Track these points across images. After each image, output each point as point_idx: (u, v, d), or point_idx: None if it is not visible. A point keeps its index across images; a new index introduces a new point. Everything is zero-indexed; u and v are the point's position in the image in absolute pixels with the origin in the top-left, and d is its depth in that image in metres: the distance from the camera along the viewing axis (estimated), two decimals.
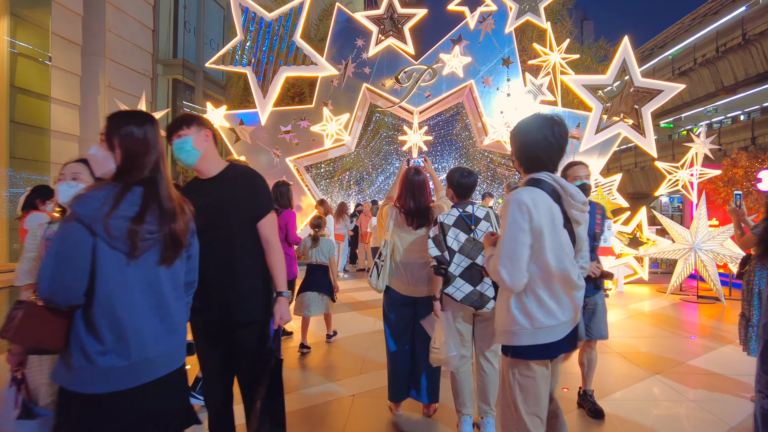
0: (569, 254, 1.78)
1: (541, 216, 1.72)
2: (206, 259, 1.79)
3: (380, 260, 2.93)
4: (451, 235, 2.71)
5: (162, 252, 1.47)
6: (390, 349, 2.98)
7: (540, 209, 1.73)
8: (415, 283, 2.89)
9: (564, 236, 1.78)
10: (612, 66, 8.48)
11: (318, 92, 9.09)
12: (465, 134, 12.61)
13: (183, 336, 1.56)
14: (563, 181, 1.82)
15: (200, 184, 2.14)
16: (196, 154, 2.06)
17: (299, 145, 9.04)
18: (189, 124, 2.06)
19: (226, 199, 2.07)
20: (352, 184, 14.46)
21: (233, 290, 2.06)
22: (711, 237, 6.90)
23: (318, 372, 4.01)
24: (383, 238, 2.97)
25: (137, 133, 1.50)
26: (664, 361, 4.22)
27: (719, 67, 24.76)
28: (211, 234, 1.99)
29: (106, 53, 11.12)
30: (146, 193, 1.47)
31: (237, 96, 11.81)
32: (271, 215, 2.16)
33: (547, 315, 1.75)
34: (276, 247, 2.14)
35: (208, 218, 2.03)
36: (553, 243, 1.74)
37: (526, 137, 1.86)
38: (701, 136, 8.02)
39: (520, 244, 1.73)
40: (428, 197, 2.95)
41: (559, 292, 1.77)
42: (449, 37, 8.86)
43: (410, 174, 2.95)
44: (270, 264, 2.13)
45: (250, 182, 2.14)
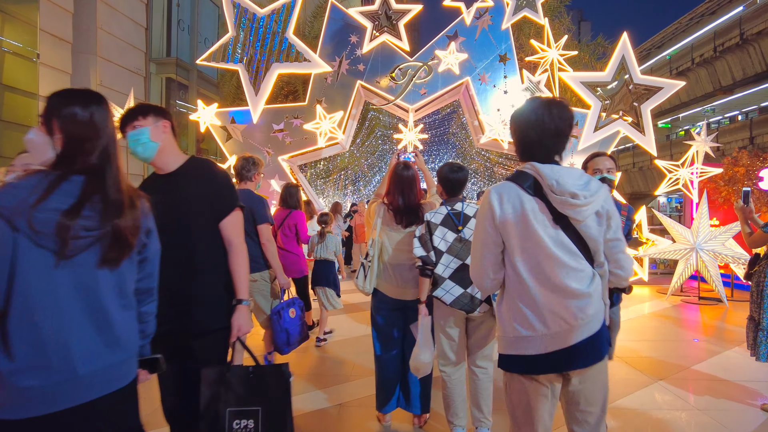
0: (553, 253, 1.52)
1: (506, 213, 1.55)
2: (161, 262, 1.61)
3: (367, 261, 2.75)
4: (438, 234, 2.55)
5: (103, 252, 1.28)
6: (378, 356, 2.79)
7: (505, 206, 1.55)
8: (404, 285, 2.70)
9: (544, 233, 1.53)
10: (611, 63, 8.31)
11: (311, 89, 8.91)
12: (461, 133, 12.43)
13: (129, 351, 1.36)
14: (547, 169, 1.55)
15: (157, 180, 1.96)
16: (153, 146, 1.88)
17: (292, 143, 8.85)
18: (145, 113, 1.87)
19: (183, 196, 1.88)
20: (348, 183, 14.28)
21: (191, 296, 1.87)
22: (713, 237, 6.73)
23: (305, 378, 3.82)
24: (370, 237, 2.78)
25: (81, 115, 1.31)
26: (666, 366, 4.05)
27: (717, 67, 24.70)
28: (168, 235, 1.81)
29: (97, 51, 10.95)
30: (88, 183, 1.28)
31: (230, 94, 11.61)
32: (236, 214, 1.96)
33: (522, 324, 1.55)
34: (239, 249, 1.94)
35: (164, 217, 1.84)
36: (525, 243, 1.54)
37: (519, 119, 1.65)
38: (702, 134, 7.86)
39: (483, 244, 1.60)
40: (419, 194, 2.76)
41: (535, 299, 1.53)
42: (445, 33, 8.68)
43: (399, 169, 2.76)
44: (232, 268, 1.93)
45: (212, 177, 1.95)
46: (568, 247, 1.56)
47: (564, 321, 1.52)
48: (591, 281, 1.57)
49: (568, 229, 1.56)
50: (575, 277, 1.54)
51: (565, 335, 1.52)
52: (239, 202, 2.00)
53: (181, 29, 15.04)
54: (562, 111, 1.60)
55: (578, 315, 1.52)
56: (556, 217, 1.55)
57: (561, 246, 1.55)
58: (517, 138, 1.67)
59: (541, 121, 1.57)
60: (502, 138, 8.42)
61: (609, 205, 1.60)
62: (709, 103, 27.65)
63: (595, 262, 1.61)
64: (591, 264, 1.60)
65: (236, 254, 1.93)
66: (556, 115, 1.58)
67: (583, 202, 1.52)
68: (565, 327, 1.52)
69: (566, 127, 1.61)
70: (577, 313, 1.52)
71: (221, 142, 9.00)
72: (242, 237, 1.98)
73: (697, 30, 27.37)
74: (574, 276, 1.54)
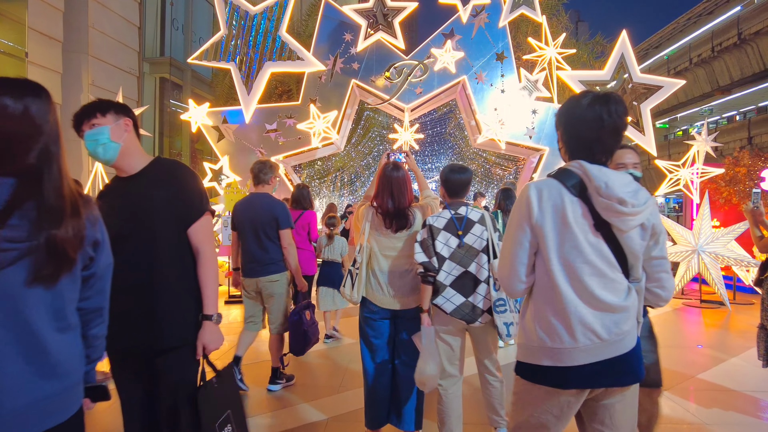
0: (593, 261, 1.40)
1: (545, 212, 1.42)
2: (122, 273, 1.45)
3: (355, 267, 2.57)
4: (441, 239, 2.42)
5: (36, 268, 1.09)
6: (367, 369, 2.60)
7: (545, 204, 1.42)
8: (394, 293, 2.52)
9: (585, 238, 1.40)
10: (610, 61, 8.17)
11: (304, 89, 8.73)
12: (458, 133, 12.26)
13: (70, 379, 1.18)
14: (595, 169, 1.42)
15: (119, 184, 1.78)
16: (115, 147, 1.70)
17: (285, 143, 8.67)
18: (104, 110, 1.70)
19: (147, 200, 1.70)
20: (344, 184, 14.10)
21: (154, 309, 1.68)
22: (715, 238, 6.58)
23: (292, 390, 3.63)
24: (358, 243, 2.61)
25: (13, 108, 1.12)
26: (670, 375, 3.87)
27: (715, 66, 24.64)
28: (129, 243, 1.64)
29: (89, 50, 10.76)
30: (19, 187, 1.10)
31: (223, 93, 11.43)
32: (205, 220, 1.78)
33: (549, 334, 1.43)
34: (209, 258, 1.76)
35: (126, 224, 1.67)
36: (562, 246, 1.41)
37: (572, 116, 1.49)
38: (702, 134, 7.72)
39: (516, 242, 1.47)
40: (410, 196, 2.58)
41: (567, 309, 1.40)
42: (441, 31, 8.52)
43: (388, 170, 2.57)
44: (200, 278, 1.75)
45: (179, 179, 1.76)
46: (608, 258, 1.43)
47: (595, 335, 1.39)
48: (627, 295, 1.44)
49: (608, 239, 1.43)
50: (612, 289, 1.42)
51: (595, 350, 1.39)
52: (209, 206, 1.82)
53: (174, 28, 14.86)
54: (619, 107, 1.45)
55: (612, 329, 1.40)
56: (597, 223, 1.42)
57: (600, 255, 1.42)
58: (569, 136, 1.52)
59: (598, 117, 1.43)
60: (500, 138, 8.26)
61: (656, 219, 1.47)
62: (707, 103, 27.59)
63: (631, 277, 1.48)
64: (627, 278, 1.47)
65: (205, 263, 1.76)
66: (614, 112, 1.43)
67: (631, 210, 1.39)
68: (596, 342, 1.39)
69: (623, 125, 1.47)
70: (611, 328, 1.40)
71: (213, 142, 8.81)
72: (212, 244, 1.80)
73: (694, 30, 27.32)
74: (612, 288, 1.42)
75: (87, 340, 1.28)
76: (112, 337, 1.54)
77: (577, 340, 1.38)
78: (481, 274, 2.43)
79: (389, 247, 2.54)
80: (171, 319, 1.70)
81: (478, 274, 2.43)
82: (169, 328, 1.70)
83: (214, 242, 1.84)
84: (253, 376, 3.91)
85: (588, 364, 1.38)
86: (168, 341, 1.70)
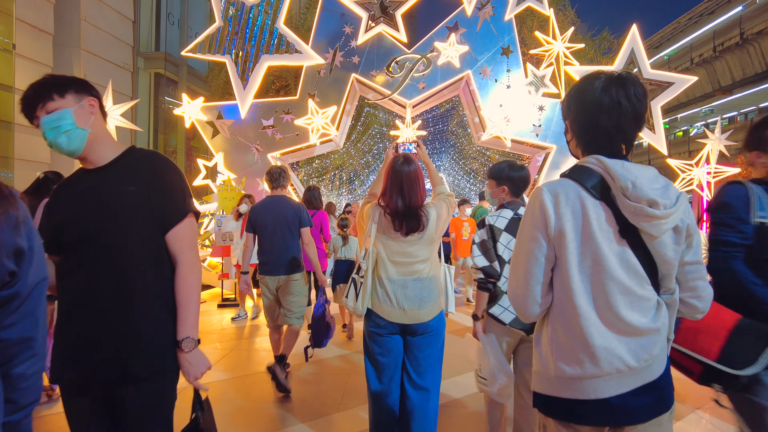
0: (618, 276, 1.18)
1: (565, 220, 1.19)
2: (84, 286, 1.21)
3: (359, 275, 2.25)
4: (503, 241, 2.21)
5: None
6: (372, 391, 2.29)
7: (563, 210, 1.20)
8: (405, 305, 2.19)
9: (609, 248, 1.18)
10: (619, 57, 7.88)
11: (302, 83, 8.41)
12: (460, 131, 11.95)
13: None
14: (618, 165, 1.20)
15: (83, 176, 1.47)
16: (81, 135, 1.40)
17: (282, 140, 8.35)
18: (62, 89, 1.38)
19: (116, 198, 1.40)
20: (342, 183, 13.78)
21: (123, 330, 1.37)
22: None
23: (289, 406, 3.32)
24: (363, 247, 2.29)
25: None
26: (700, 390, 3.55)
27: (716, 66, 24.44)
28: (91, 249, 1.33)
29: (81, 44, 10.45)
30: None
31: (218, 89, 11.09)
32: (187, 222, 1.47)
33: (568, 361, 1.21)
34: (190, 268, 1.45)
35: (87, 225, 1.36)
36: (584, 257, 1.19)
37: (584, 100, 1.25)
38: (716, 132, 7.44)
39: (531, 257, 1.24)
40: (422, 194, 2.25)
41: (588, 332, 1.19)
42: (445, 24, 8.20)
43: (398, 164, 2.24)
44: (177, 292, 1.44)
45: (157, 173, 1.46)
46: (636, 269, 1.20)
47: (622, 361, 1.18)
48: (657, 313, 1.22)
49: (636, 246, 1.20)
50: (640, 308, 1.20)
51: (621, 379, 1.19)
52: (193, 207, 1.50)
53: (170, 23, 14.55)
54: (638, 89, 1.22)
55: (641, 355, 1.19)
56: (623, 228, 1.19)
57: (627, 267, 1.20)
58: (581, 126, 1.28)
59: (616, 102, 1.21)
60: (505, 135, 7.96)
61: (690, 219, 1.24)
62: (708, 104, 27.41)
63: (662, 288, 1.26)
64: (657, 290, 1.25)
65: (185, 275, 1.44)
66: (634, 95, 1.21)
67: (663, 213, 1.16)
68: (623, 369, 1.19)
69: (644, 109, 1.24)
70: (640, 353, 1.19)
71: (207, 138, 8.48)
72: (195, 252, 1.48)
73: (695, 30, 27.13)
74: (639, 306, 1.20)
75: (10, 382, 0.96)
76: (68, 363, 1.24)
77: (601, 368, 1.18)
78: None
79: (399, 252, 2.22)
80: (144, 342, 1.39)
81: None
82: (141, 353, 1.38)
83: (198, 249, 1.52)
84: (245, 389, 3.60)
85: (615, 396, 1.19)
86: (139, 368, 1.38)
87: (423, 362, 2.22)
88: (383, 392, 2.25)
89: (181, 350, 1.40)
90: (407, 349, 2.25)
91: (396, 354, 2.24)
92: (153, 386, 1.41)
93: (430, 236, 2.22)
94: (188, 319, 1.42)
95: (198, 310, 1.44)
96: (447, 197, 2.38)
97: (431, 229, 2.22)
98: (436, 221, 2.23)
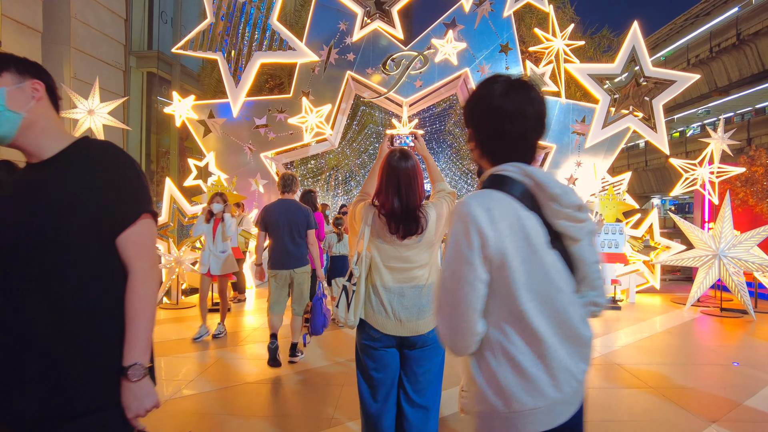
0: (563, 287, 1.12)
1: (504, 236, 1.08)
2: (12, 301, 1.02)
3: (351, 283, 2.04)
4: None
5: None
6: (365, 410, 2.07)
7: (501, 226, 1.09)
8: (402, 316, 1.97)
9: (550, 261, 1.11)
10: (620, 54, 7.71)
11: (296, 80, 8.20)
12: (457, 131, 11.76)
13: None
14: (541, 174, 1.15)
15: (27, 172, 1.26)
16: (12, 119, 1.19)
17: (276, 139, 8.13)
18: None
19: (58, 195, 1.18)
20: (338, 183, 13.55)
21: (56, 357, 1.14)
22: (737, 243, 6.12)
23: (277, 423, 3.09)
24: (355, 250, 2.07)
25: None
26: (714, 402, 3.38)
27: (713, 67, 24.35)
28: (19, 258, 1.11)
29: (71, 42, 10.20)
30: None
31: (211, 87, 10.85)
32: (142, 225, 1.24)
33: (528, 392, 1.09)
34: (143, 278, 1.22)
35: (16, 229, 1.14)
36: (531, 275, 1.10)
37: (487, 106, 1.18)
38: (719, 131, 7.28)
39: (466, 284, 1.09)
40: (421, 192, 2.03)
41: (549, 353, 1.10)
42: (442, 20, 8.01)
43: (394, 160, 2.01)
44: (127, 308, 1.21)
45: (108, 167, 1.23)
46: (569, 278, 1.15)
47: (575, 379, 1.13)
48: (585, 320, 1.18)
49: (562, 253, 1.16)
50: (582, 317, 1.16)
51: (575, 398, 1.14)
52: (150, 207, 1.28)
53: (163, 21, 14.32)
54: (537, 93, 1.19)
55: (585, 368, 1.16)
56: (552, 237, 1.14)
57: (562, 275, 1.13)
58: (487, 134, 1.20)
59: (519, 108, 1.15)
60: None
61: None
62: (704, 105, 27.38)
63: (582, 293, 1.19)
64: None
65: (137, 286, 1.22)
66: (536, 99, 1.17)
67: (586, 216, 1.17)
68: (576, 387, 1.13)
69: (545, 114, 1.20)
70: (585, 366, 1.15)
71: (198, 137, 8.25)
72: (150, 259, 1.26)
73: (692, 31, 27.12)
74: (580, 316, 1.15)
75: None
76: None
77: (562, 391, 1.11)
78: None
79: (395, 257, 2.00)
80: (84, 372, 1.16)
81: None
82: (81, 386, 1.15)
83: (156, 257, 1.30)
84: (230, 402, 3.38)
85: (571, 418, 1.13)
86: (79, 404, 1.15)
87: (422, 378, 2.01)
88: (378, 412, 2.04)
89: (127, 379, 1.17)
90: (404, 363, 2.04)
91: (392, 370, 2.03)
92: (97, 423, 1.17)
93: (429, 239, 2.01)
94: (138, 340, 1.19)
95: (151, 329, 1.21)
96: (448, 195, 2.16)
97: (431, 231, 2.00)
98: (436, 222, 2.02)
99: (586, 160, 7.86)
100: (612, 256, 6.78)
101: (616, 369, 4.10)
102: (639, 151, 26.17)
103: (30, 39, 9.29)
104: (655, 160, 25.40)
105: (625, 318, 6.16)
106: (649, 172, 25.63)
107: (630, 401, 3.41)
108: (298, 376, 3.91)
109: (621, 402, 3.43)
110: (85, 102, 7.19)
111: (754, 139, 21.87)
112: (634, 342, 5.00)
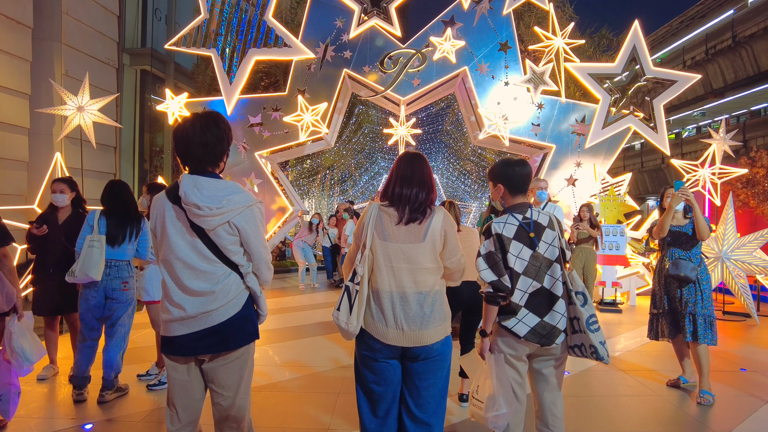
0: (188, 260, 1.75)
1: (156, 219, 1.80)
2: None
3: (354, 283, 1.88)
4: (513, 251, 2.01)
5: None
6: (364, 425, 1.91)
7: (153, 213, 1.82)
8: (404, 324, 1.81)
9: (186, 241, 1.76)
10: (621, 53, 7.62)
11: (292, 78, 8.03)
12: (455, 131, 11.64)
13: None
14: (187, 180, 1.75)
15: None
16: None
17: (271, 138, 7.97)
18: None
19: None
20: (334, 183, 13.39)
21: None
22: (740, 245, 6.02)
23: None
24: (358, 250, 1.92)
25: None
26: (732, 410, 3.25)
27: (708, 69, 24.40)
28: None
29: (62, 38, 9.98)
30: None
31: (205, 85, 10.68)
32: None
33: (163, 309, 1.82)
34: None
35: None
36: (161, 246, 1.80)
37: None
38: (720, 131, 7.19)
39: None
40: (430, 188, 1.92)
41: (169, 292, 1.79)
42: (440, 18, 7.88)
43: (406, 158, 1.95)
44: None
45: None
46: (203, 253, 1.79)
47: (184, 311, 1.78)
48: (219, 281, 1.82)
49: (203, 237, 1.79)
50: (204, 279, 1.79)
51: (184, 323, 1.80)
52: None
53: (157, 18, 14.12)
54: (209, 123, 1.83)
55: (199, 309, 1.78)
56: (192, 224, 1.79)
57: (196, 251, 1.79)
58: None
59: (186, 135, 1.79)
60: (503, 134, 7.65)
61: (238, 221, 1.81)
62: (700, 107, 27.46)
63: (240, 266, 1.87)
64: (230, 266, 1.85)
65: None
66: (200, 128, 1.80)
67: (207, 213, 1.74)
68: (183, 315, 1.78)
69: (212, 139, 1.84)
70: (198, 307, 1.78)
71: None
72: None
73: (688, 33, 27.20)
74: (203, 277, 1.80)
75: None
76: None
77: (171, 314, 1.75)
78: (556, 289, 2.04)
79: (398, 256, 1.83)
80: None
81: (553, 289, 2.04)
82: None
83: None
84: None
85: (184, 335, 1.74)
86: None
87: (425, 393, 1.86)
88: (378, 428, 1.89)
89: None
90: (406, 376, 1.88)
91: (394, 383, 1.87)
92: None
93: (434, 238, 1.85)
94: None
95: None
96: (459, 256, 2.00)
97: (436, 228, 1.86)
98: (440, 225, 1.87)
99: (586, 161, 7.75)
100: (612, 258, 6.67)
101: (619, 375, 3.98)
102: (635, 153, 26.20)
103: (20, 34, 9.07)
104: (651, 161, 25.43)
105: (626, 321, 6.05)
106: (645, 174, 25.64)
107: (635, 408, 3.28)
108: (294, 381, 3.74)
109: (629, 410, 3.30)
110: (75, 99, 6.99)
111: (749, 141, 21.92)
112: (640, 348, 4.87)
